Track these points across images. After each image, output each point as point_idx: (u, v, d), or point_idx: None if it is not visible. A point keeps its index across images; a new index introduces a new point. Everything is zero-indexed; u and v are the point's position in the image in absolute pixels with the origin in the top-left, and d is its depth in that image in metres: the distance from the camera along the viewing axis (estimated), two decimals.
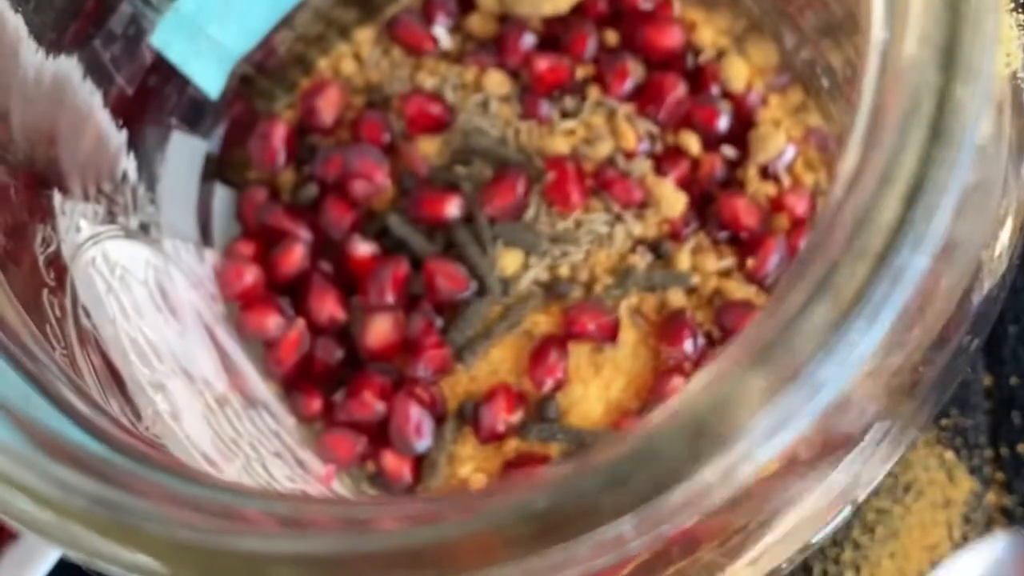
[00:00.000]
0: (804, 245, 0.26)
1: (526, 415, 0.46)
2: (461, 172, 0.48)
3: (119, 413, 0.36)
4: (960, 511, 0.48)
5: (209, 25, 0.45)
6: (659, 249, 0.47)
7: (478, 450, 0.46)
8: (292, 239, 0.48)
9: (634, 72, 0.48)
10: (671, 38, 0.49)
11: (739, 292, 0.47)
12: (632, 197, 0.47)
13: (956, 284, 0.31)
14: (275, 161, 0.49)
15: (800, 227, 0.47)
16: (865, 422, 0.31)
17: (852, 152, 0.26)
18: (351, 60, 0.50)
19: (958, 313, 0.31)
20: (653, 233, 0.47)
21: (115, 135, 0.42)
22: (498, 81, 0.49)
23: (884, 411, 0.31)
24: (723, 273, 0.47)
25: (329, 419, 0.47)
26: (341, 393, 0.47)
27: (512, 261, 0.47)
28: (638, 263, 0.47)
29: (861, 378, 0.30)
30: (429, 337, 0.46)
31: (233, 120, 0.49)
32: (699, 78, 0.49)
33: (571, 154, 0.47)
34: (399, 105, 0.49)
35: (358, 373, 0.47)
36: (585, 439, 0.45)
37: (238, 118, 0.49)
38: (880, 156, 0.25)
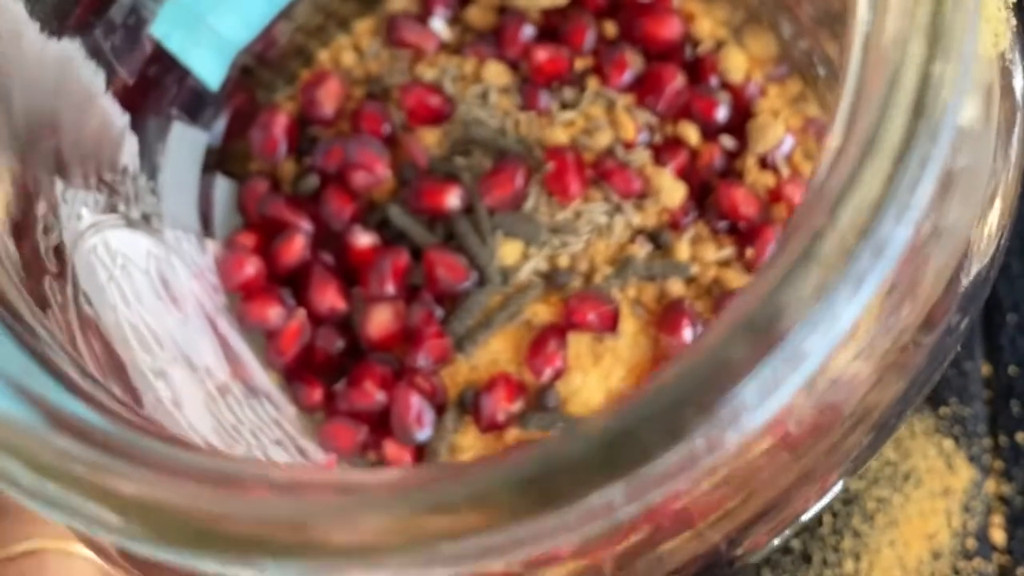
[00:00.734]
0: (790, 219, 0.26)
1: (526, 404, 0.46)
2: (461, 163, 0.48)
3: (120, 397, 0.36)
4: (959, 499, 0.48)
5: (209, 15, 0.45)
6: (658, 239, 0.47)
7: (479, 439, 0.46)
8: (293, 230, 0.48)
9: (633, 63, 0.49)
10: (670, 29, 0.49)
11: (738, 281, 0.47)
12: (631, 187, 0.47)
13: (945, 264, 0.31)
14: (276, 152, 0.49)
15: None
16: (856, 401, 0.31)
17: (837, 129, 0.26)
18: (351, 51, 0.50)
19: (947, 293, 0.31)
20: (652, 223, 0.47)
21: (117, 124, 0.42)
22: (497, 72, 0.49)
23: (875, 390, 0.32)
24: (722, 263, 0.47)
25: (330, 409, 0.47)
26: (342, 383, 0.47)
27: (512, 251, 0.47)
28: (637, 253, 0.47)
29: (851, 357, 0.31)
30: (429, 327, 0.46)
31: (234, 111, 0.49)
32: (698, 69, 0.49)
33: (570, 145, 0.48)
34: (399, 96, 0.49)
35: (359, 363, 0.47)
36: None
37: (239, 109, 0.49)
38: (862, 130, 0.25)
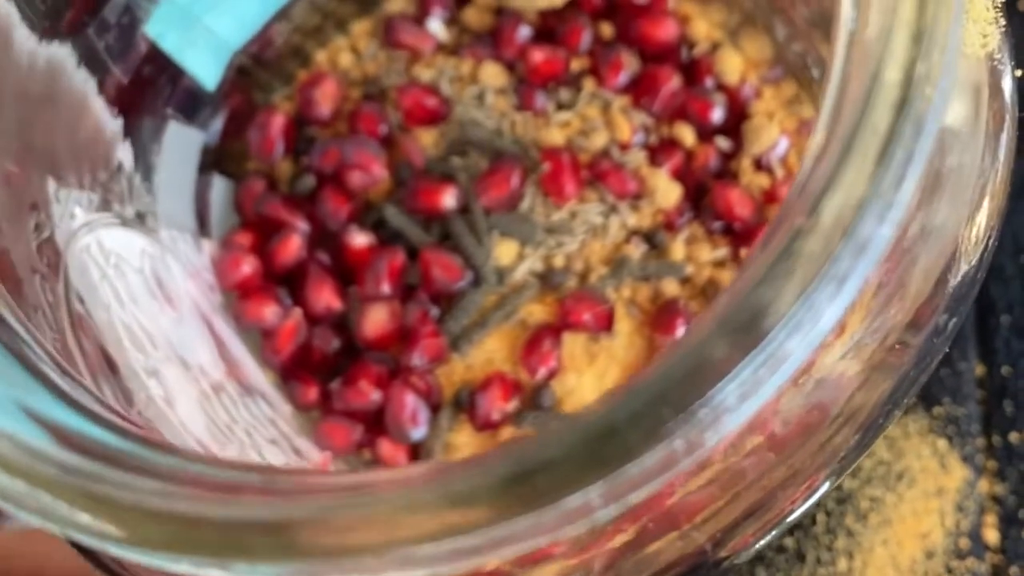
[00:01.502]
0: (773, 218, 0.26)
1: (522, 404, 0.46)
2: (457, 163, 0.48)
3: (111, 397, 0.36)
4: (953, 499, 0.48)
5: (205, 15, 0.45)
6: (653, 239, 0.47)
7: (473, 438, 0.46)
8: (290, 229, 0.48)
9: (629, 65, 0.49)
10: (665, 31, 0.49)
11: None
12: (627, 188, 0.47)
13: (933, 265, 0.31)
14: (273, 152, 0.49)
15: None
16: (843, 401, 0.31)
17: (820, 127, 0.26)
18: (348, 52, 0.50)
19: (935, 294, 0.31)
20: (648, 224, 0.47)
21: (110, 123, 0.42)
22: (494, 73, 0.49)
23: (862, 391, 0.32)
24: (717, 263, 0.47)
25: (326, 407, 0.47)
26: (338, 382, 0.47)
27: (507, 251, 0.47)
28: (633, 253, 0.47)
29: (838, 357, 0.31)
30: (425, 326, 0.46)
31: (231, 111, 0.49)
32: (693, 71, 0.49)
33: (566, 145, 0.48)
34: (396, 97, 0.49)
35: (355, 362, 0.47)
36: None
37: (236, 109, 0.49)
38: (845, 128, 0.25)
